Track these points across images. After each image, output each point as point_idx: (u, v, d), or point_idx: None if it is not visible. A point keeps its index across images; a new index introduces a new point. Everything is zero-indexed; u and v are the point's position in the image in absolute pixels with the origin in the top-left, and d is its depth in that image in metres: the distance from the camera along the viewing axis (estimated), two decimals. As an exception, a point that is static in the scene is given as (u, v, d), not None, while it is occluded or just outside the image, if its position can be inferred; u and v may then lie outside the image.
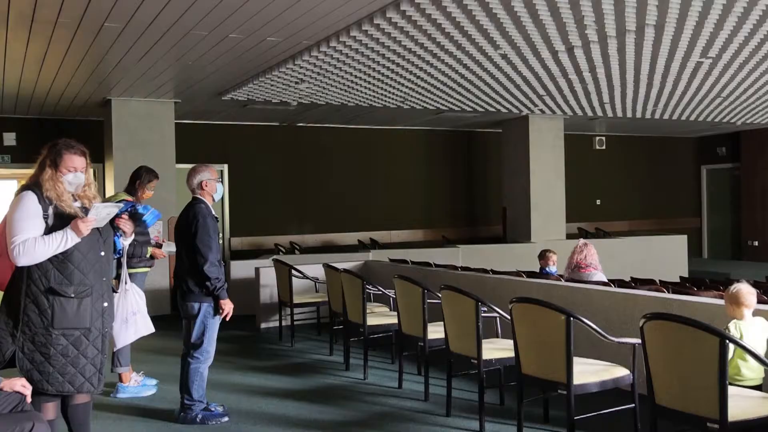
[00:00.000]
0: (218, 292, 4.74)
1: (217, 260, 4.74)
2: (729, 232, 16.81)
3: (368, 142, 13.38)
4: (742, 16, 6.36)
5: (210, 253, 4.70)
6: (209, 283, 4.70)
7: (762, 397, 3.48)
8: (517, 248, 12.10)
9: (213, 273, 4.70)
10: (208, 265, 4.68)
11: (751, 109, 11.89)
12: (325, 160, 13.02)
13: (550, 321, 3.99)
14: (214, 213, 4.94)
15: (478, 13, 6.07)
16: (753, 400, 3.45)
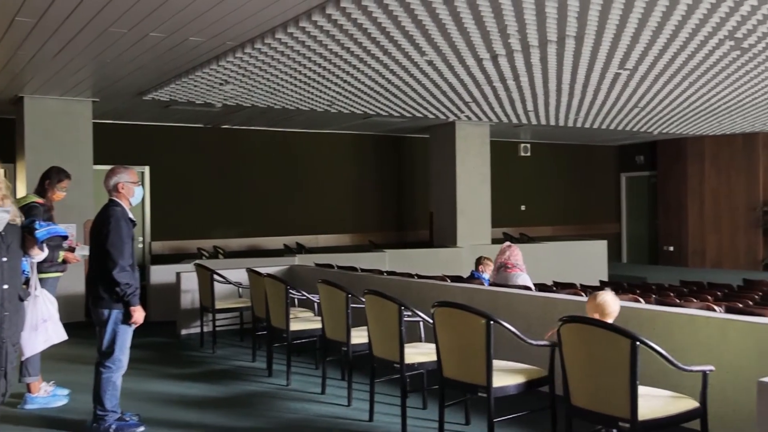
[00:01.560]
0: (128, 299, 4.57)
1: (128, 265, 4.58)
2: (646, 237, 17.41)
3: (296, 145, 13.28)
4: (656, 30, 6.59)
5: (121, 258, 4.54)
6: (119, 289, 4.54)
7: (671, 396, 3.59)
8: (444, 253, 12.21)
9: (123, 278, 4.54)
10: (118, 269, 4.52)
11: (667, 119, 12.34)
12: (251, 163, 12.86)
13: (471, 324, 4.02)
14: (132, 216, 4.79)
15: (404, 19, 6.10)
16: (662, 399, 3.56)
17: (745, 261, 15.27)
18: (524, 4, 5.76)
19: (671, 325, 4.66)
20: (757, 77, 8.74)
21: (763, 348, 4.09)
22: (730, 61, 7.84)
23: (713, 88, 9.42)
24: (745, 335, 4.21)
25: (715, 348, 4.33)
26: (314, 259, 9.95)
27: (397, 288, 6.86)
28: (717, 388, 4.02)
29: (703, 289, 9.00)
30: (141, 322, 4.66)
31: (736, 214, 15.43)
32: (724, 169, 15.59)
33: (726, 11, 6.02)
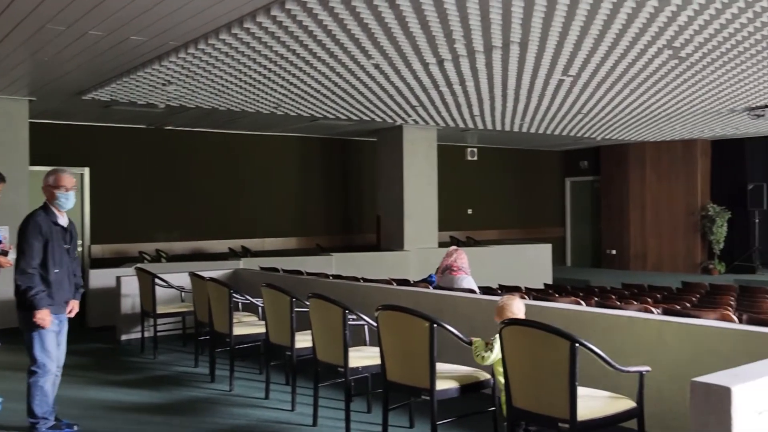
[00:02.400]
0: (31, 303, 4.47)
1: (32, 268, 4.49)
2: (590, 241, 17.74)
3: (242, 147, 13.13)
4: (597, 38, 6.71)
5: (23, 261, 4.48)
6: (19, 293, 4.45)
7: (609, 397, 3.65)
8: (391, 256, 12.23)
9: (22, 282, 4.47)
10: (19, 273, 4.48)
11: (609, 125, 12.60)
12: (195, 165, 12.66)
13: (415, 328, 4.03)
14: (63, 219, 4.67)
15: (349, 22, 6.09)
16: (601, 399, 3.62)
17: (684, 264, 15.68)
18: (469, 9, 5.80)
19: (611, 327, 4.74)
20: (695, 86, 8.98)
21: (697, 348, 4.20)
22: (668, 69, 8.04)
23: (653, 95, 9.65)
24: (680, 336, 4.31)
25: (653, 349, 4.42)
26: (259, 263, 9.85)
27: (343, 292, 6.84)
28: (654, 388, 4.11)
29: (644, 292, 9.22)
30: (47, 327, 4.53)
31: (676, 219, 15.83)
32: (665, 174, 15.98)
33: (664, 21, 6.16)
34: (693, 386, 2.64)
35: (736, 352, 3.93)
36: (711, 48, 7.06)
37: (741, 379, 2.62)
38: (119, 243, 11.86)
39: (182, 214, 12.49)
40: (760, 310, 6.83)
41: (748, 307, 7.28)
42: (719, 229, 15.11)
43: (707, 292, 9.32)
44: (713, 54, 7.31)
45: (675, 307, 6.06)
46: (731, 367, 2.83)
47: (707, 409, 2.58)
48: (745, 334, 4.06)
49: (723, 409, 2.51)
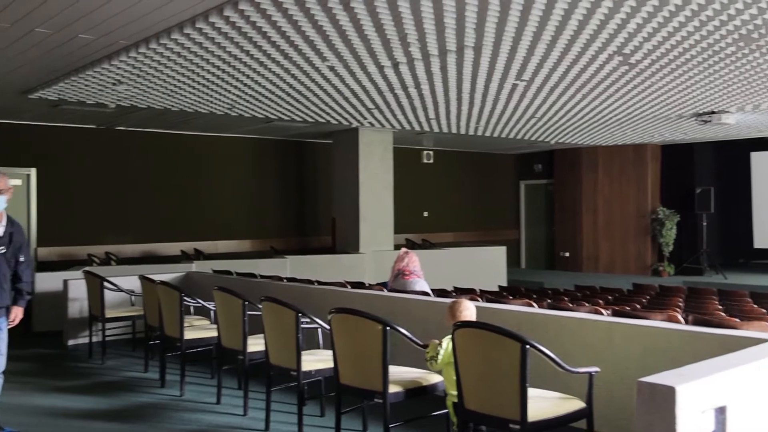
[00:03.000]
0: None
1: None
2: (544, 243, 17.96)
3: (195, 149, 12.96)
4: (550, 44, 6.79)
5: None
6: None
7: (559, 398, 3.69)
8: (346, 259, 12.20)
9: None
10: None
11: (562, 129, 12.78)
12: (147, 166, 12.45)
13: (368, 331, 4.02)
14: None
15: (304, 24, 6.06)
16: (551, 400, 3.65)
17: (635, 266, 15.97)
18: (423, 13, 5.82)
19: (562, 329, 4.80)
20: (645, 91, 9.15)
21: (645, 349, 4.27)
22: (619, 75, 8.18)
23: (605, 100, 9.82)
24: (629, 337, 4.38)
25: (602, 350, 4.49)
26: (213, 266, 9.73)
27: (297, 295, 6.79)
28: (603, 388, 4.16)
29: (596, 293, 9.36)
30: None
31: (627, 222, 16.12)
32: (616, 178, 16.27)
33: (614, 28, 6.27)
34: (639, 386, 2.68)
35: (683, 352, 4.00)
36: (659, 55, 7.21)
37: (685, 378, 2.66)
38: (67, 246, 11.58)
39: (134, 217, 12.26)
40: (707, 311, 6.99)
41: (695, 308, 7.44)
42: (669, 231, 15.43)
43: (657, 294, 9.51)
44: (662, 61, 7.46)
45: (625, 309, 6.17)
46: (678, 366, 2.88)
47: (652, 409, 2.62)
48: (690, 335, 4.15)
49: (667, 408, 2.56)
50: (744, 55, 7.25)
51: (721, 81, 8.49)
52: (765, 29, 6.28)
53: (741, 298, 8.64)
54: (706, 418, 2.68)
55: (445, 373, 3.93)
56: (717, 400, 2.72)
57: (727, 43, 6.75)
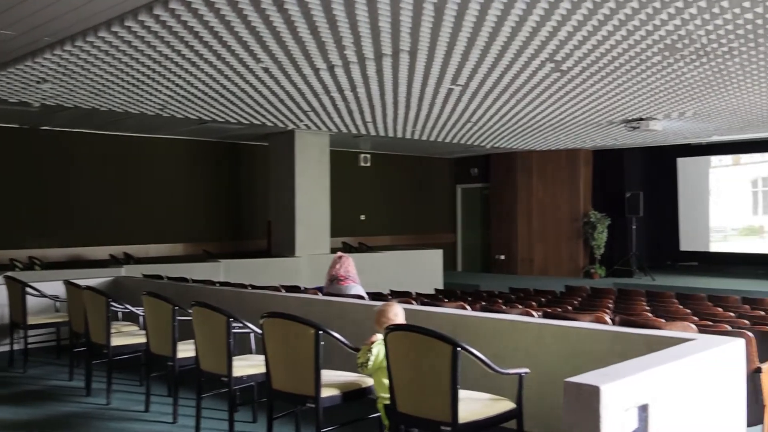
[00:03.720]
0: None
1: None
2: (480, 246, 18.17)
3: (126, 150, 12.63)
4: (484, 50, 6.88)
5: None
6: None
7: (490, 399, 3.72)
8: (282, 262, 12.09)
9: None
10: None
11: (497, 134, 12.96)
12: (75, 167, 12.07)
13: (300, 335, 3.99)
14: None
15: (237, 24, 5.98)
16: (482, 402, 3.68)
17: (567, 268, 16.31)
18: (358, 17, 5.81)
19: (495, 331, 4.84)
20: (576, 97, 9.36)
21: (574, 349, 4.35)
22: (551, 81, 8.34)
23: (538, 106, 10.00)
24: (558, 338, 4.45)
25: (533, 351, 4.55)
26: (143, 270, 9.50)
27: (230, 299, 6.69)
28: (533, 389, 4.21)
29: (530, 296, 9.51)
30: None
31: (561, 225, 16.45)
32: (550, 182, 16.58)
33: (546, 36, 6.39)
34: (566, 386, 2.73)
35: (609, 352, 4.08)
36: (590, 63, 7.38)
37: (610, 378, 2.72)
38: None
39: (60, 220, 11.87)
40: (635, 311, 7.17)
41: (624, 309, 7.64)
42: (600, 235, 15.81)
43: (588, 295, 9.72)
44: (592, 68, 7.64)
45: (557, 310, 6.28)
46: (605, 366, 2.94)
47: (578, 408, 2.67)
48: (616, 335, 4.24)
49: (592, 407, 2.60)
50: (669, 64, 7.48)
51: (648, 89, 8.74)
52: (688, 40, 6.50)
53: (668, 299, 8.91)
54: (629, 416, 2.74)
55: (375, 377, 3.93)
56: (640, 399, 2.79)
57: (653, 52, 6.95)
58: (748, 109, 10.35)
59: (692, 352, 3.31)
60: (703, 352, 3.35)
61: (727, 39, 6.47)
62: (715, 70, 7.76)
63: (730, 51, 6.92)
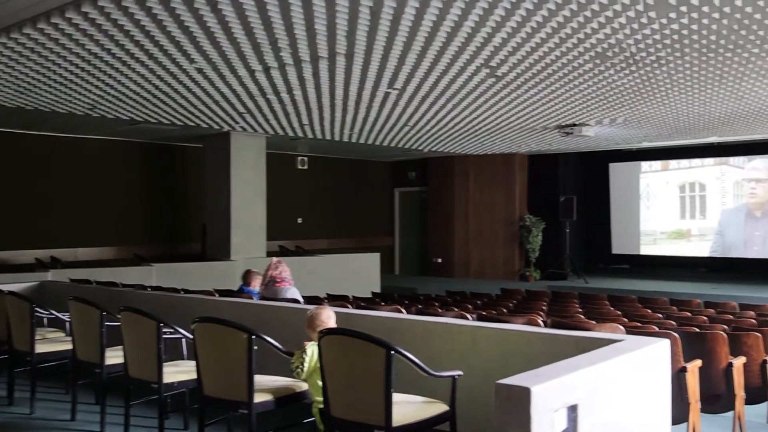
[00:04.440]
0: None
1: None
2: (417, 250, 18.26)
3: (53, 150, 12.21)
4: (420, 54, 6.91)
5: None
6: None
7: (424, 402, 3.73)
8: (217, 266, 11.90)
9: None
10: None
11: (434, 137, 13.06)
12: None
13: (233, 340, 3.93)
14: None
15: (169, 24, 5.86)
16: (416, 405, 3.69)
17: (503, 271, 16.53)
18: (294, 18, 5.77)
19: (429, 334, 4.85)
20: (511, 103, 9.51)
21: (507, 351, 4.39)
22: (487, 87, 8.45)
23: (474, 111, 10.11)
24: (491, 341, 4.49)
25: (467, 354, 4.57)
26: (71, 275, 9.21)
27: (161, 304, 6.55)
28: (467, 391, 4.24)
29: (466, 299, 9.61)
30: None
31: (497, 228, 16.66)
32: (487, 186, 16.78)
33: (481, 41, 6.46)
34: (497, 388, 2.75)
35: (541, 354, 4.13)
36: (524, 69, 7.50)
37: (540, 379, 2.75)
38: None
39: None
40: (568, 313, 7.32)
41: (558, 311, 7.78)
42: (535, 238, 16.07)
43: (523, 298, 9.89)
44: (526, 74, 7.77)
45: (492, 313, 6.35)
46: (536, 368, 2.98)
47: (509, 409, 2.69)
48: (548, 337, 4.30)
49: (523, 408, 2.63)
50: (600, 72, 7.67)
51: (580, 95, 8.94)
52: (618, 48, 6.67)
53: (600, 301, 9.13)
54: (558, 417, 2.78)
55: (310, 380, 3.90)
56: (569, 399, 2.83)
57: (585, 59, 7.11)
58: (675, 117, 10.70)
59: (620, 353, 3.37)
60: (630, 352, 3.42)
61: (655, 48, 6.67)
62: (644, 79, 7.99)
63: (657, 60, 7.13)
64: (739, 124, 11.38)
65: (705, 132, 12.49)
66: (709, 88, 8.46)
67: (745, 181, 15.05)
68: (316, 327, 3.91)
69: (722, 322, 6.75)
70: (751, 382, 5.83)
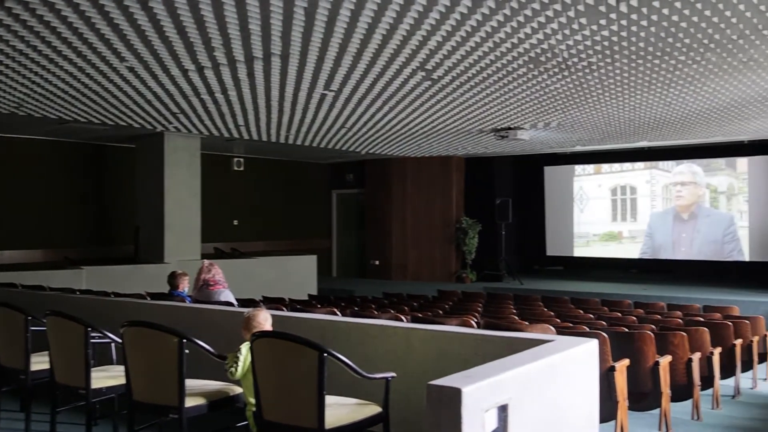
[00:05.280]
0: None
1: None
2: (355, 252, 18.26)
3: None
4: (356, 56, 6.92)
5: None
6: None
7: (357, 404, 3.74)
8: (150, 269, 11.65)
9: None
10: None
11: (372, 140, 13.09)
12: None
13: (163, 344, 3.87)
14: None
15: (98, 21, 5.71)
16: (349, 407, 3.69)
17: (440, 273, 16.66)
18: (227, 18, 5.70)
19: (365, 336, 4.86)
20: (447, 106, 9.60)
21: (441, 353, 4.43)
22: (423, 90, 8.51)
23: (410, 113, 10.17)
24: (426, 342, 4.52)
25: (402, 355, 4.59)
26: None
27: (91, 308, 6.40)
28: (402, 393, 4.26)
29: (403, 301, 9.67)
30: None
31: (434, 230, 16.78)
32: (424, 188, 16.89)
33: (416, 44, 6.50)
34: (429, 389, 2.77)
35: (474, 355, 4.18)
36: (459, 72, 7.58)
37: (471, 380, 2.78)
38: None
39: None
40: (503, 315, 7.43)
41: (493, 312, 7.90)
42: (471, 240, 16.26)
43: (459, 300, 10.00)
44: (461, 78, 7.85)
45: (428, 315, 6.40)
46: (469, 368, 3.01)
47: (440, 410, 2.71)
48: (481, 338, 4.35)
49: (454, 408, 2.66)
50: (534, 77, 7.81)
51: (515, 99, 9.09)
52: (551, 54, 6.81)
53: (534, 302, 9.31)
54: (489, 417, 2.82)
55: (244, 383, 3.86)
56: (499, 399, 2.87)
57: (519, 64, 7.24)
58: (606, 122, 10.98)
59: (550, 353, 3.44)
60: (560, 352, 3.49)
61: (586, 54, 6.83)
62: (576, 84, 8.17)
63: (589, 66, 7.30)
64: (667, 129, 11.76)
65: (635, 137, 12.87)
66: (638, 94, 8.71)
67: (672, 185, 15.56)
68: (252, 329, 3.88)
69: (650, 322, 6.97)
70: (677, 380, 6.04)
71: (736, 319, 7.80)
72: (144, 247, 12.41)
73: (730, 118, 10.48)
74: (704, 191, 15.05)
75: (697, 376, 6.13)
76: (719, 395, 6.65)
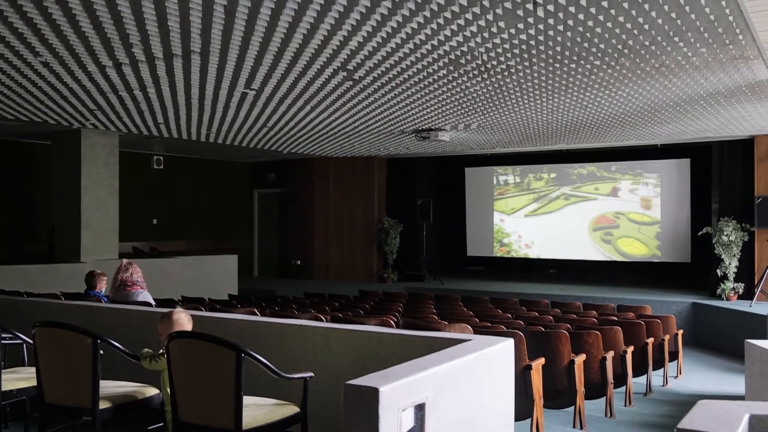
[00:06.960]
0: None
1: None
2: (277, 251, 18.15)
3: None
4: (277, 55, 6.89)
5: None
6: None
7: (275, 404, 3.76)
8: (65, 268, 11.30)
9: None
10: None
11: (294, 139, 13.05)
12: None
13: (76, 344, 3.83)
14: None
15: (10, 14, 5.52)
16: (267, 407, 3.71)
17: (362, 273, 16.74)
18: (145, 15, 5.59)
19: (284, 336, 4.88)
20: (369, 107, 9.66)
21: (360, 353, 4.49)
22: (344, 90, 8.54)
23: (332, 113, 10.19)
24: (345, 342, 4.57)
25: (321, 355, 4.64)
26: None
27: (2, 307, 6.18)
28: (321, 393, 4.30)
29: (324, 301, 9.68)
30: None
31: (356, 231, 16.85)
32: (347, 188, 16.94)
33: (337, 44, 6.53)
34: (346, 388, 2.82)
35: (393, 354, 4.26)
36: (380, 73, 7.65)
37: (388, 380, 2.84)
38: None
39: None
40: (423, 314, 7.55)
41: (413, 312, 8.01)
42: (393, 240, 16.39)
43: (380, 300, 10.09)
44: (382, 79, 7.93)
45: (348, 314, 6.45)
46: (388, 368, 3.07)
47: (358, 409, 2.76)
48: (399, 338, 4.43)
49: (371, 408, 2.71)
50: (454, 79, 7.95)
51: (435, 101, 9.23)
52: (470, 56, 6.96)
53: (454, 302, 9.47)
54: (406, 416, 2.88)
55: (162, 384, 3.82)
56: (416, 398, 2.94)
57: (439, 66, 7.36)
58: (525, 124, 11.28)
59: (467, 353, 3.53)
60: (476, 352, 3.59)
61: (505, 57, 7.00)
62: (495, 87, 8.36)
63: (507, 69, 7.49)
64: (584, 132, 12.15)
65: (553, 139, 13.24)
66: (555, 97, 8.98)
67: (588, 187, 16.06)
68: (168, 328, 3.84)
69: (566, 322, 7.20)
70: (591, 378, 6.27)
71: (648, 318, 8.12)
72: (60, 246, 12.03)
73: (644, 122, 10.91)
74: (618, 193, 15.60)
75: (610, 374, 6.37)
76: (632, 393, 6.91)
